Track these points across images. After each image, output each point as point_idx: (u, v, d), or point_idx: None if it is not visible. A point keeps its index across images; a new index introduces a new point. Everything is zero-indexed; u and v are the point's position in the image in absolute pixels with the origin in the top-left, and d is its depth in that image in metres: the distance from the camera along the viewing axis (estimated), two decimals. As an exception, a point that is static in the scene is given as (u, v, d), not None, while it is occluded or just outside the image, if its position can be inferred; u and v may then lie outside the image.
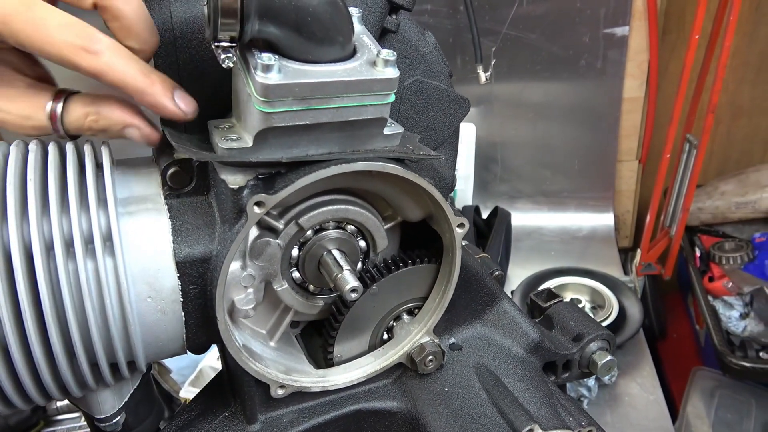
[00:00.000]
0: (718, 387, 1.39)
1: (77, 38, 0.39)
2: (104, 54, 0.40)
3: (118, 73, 0.40)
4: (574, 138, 1.70)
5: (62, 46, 0.39)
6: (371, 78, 0.42)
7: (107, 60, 0.40)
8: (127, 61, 0.41)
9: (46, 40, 0.39)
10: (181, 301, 0.44)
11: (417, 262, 0.53)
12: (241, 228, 0.42)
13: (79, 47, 0.39)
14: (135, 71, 0.41)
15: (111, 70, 0.40)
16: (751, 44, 1.66)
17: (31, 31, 0.39)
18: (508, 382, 0.55)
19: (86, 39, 0.39)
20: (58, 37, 0.39)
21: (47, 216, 0.41)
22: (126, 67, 0.41)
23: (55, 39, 0.39)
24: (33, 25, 0.39)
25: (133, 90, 0.41)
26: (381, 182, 0.49)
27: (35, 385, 0.42)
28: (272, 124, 0.41)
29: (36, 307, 0.40)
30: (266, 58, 0.39)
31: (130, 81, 0.41)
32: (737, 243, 1.51)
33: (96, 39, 0.40)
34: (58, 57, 0.39)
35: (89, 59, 0.39)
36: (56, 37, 0.39)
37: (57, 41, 0.39)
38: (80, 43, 0.39)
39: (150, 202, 0.45)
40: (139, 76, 0.41)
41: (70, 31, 0.39)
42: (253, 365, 0.47)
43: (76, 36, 0.39)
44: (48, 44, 0.39)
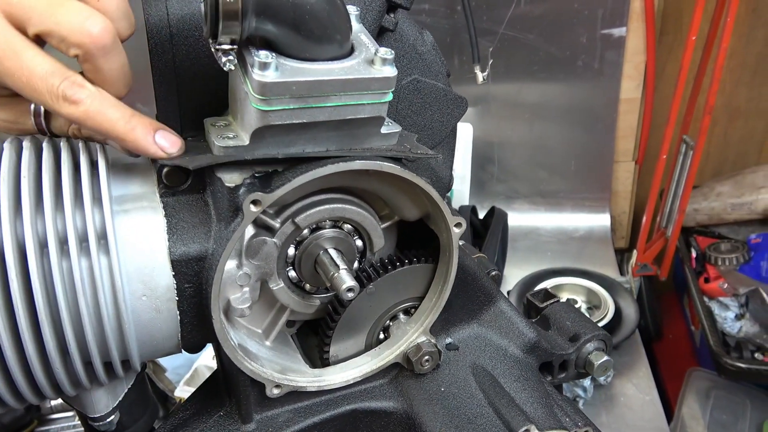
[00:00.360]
0: (714, 388, 1.40)
1: (59, 88, 0.40)
2: (84, 103, 0.41)
3: (97, 121, 0.41)
4: (571, 138, 1.70)
5: (45, 93, 0.41)
6: (369, 76, 0.42)
7: (87, 108, 0.41)
8: (108, 108, 0.42)
9: (30, 86, 0.41)
10: (176, 299, 0.44)
11: (414, 261, 0.53)
12: (237, 226, 0.42)
13: (61, 96, 0.41)
14: (115, 118, 0.42)
15: (90, 119, 0.41)
16: (747, 46, 1.66)
17: (17, 76, 0.40)
18: (504, 382, 0.55)
19: (68, 88, 0.41)
20: (41, 85, 0.40)
21: (41, 213, 0.40)
22: (106, 115, 0.42)
23: (38, 86, 0.40)
24: (19, 71, 0.40)
25: (114, 136, 0.42)
26: (378, 181, 0.49)
27: (28, 384, 0.42)
28: (269, 122, 0.41)
29: (29, 305, 0.39)
30: (263, 56, 0.39)
31: (110, 128, 0.42)
32: (733, 244, 1.51)
33: (77, 89, 0.41)
34: (41, 102, 0.41)
35: (69, 108, 0.41)
36: (39, 85, 0.40)
37: (40, 89, 0.40)
38: (62, 93, 0.41)
39: (145, 200, 0.44)
40: (119, 123, 0.42)
41: (53, 79, 0.40)
42: (249, 364, 0.47)
43: (59, 86, 0.40)
44: (31, 90, 0.41)
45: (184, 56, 0.47)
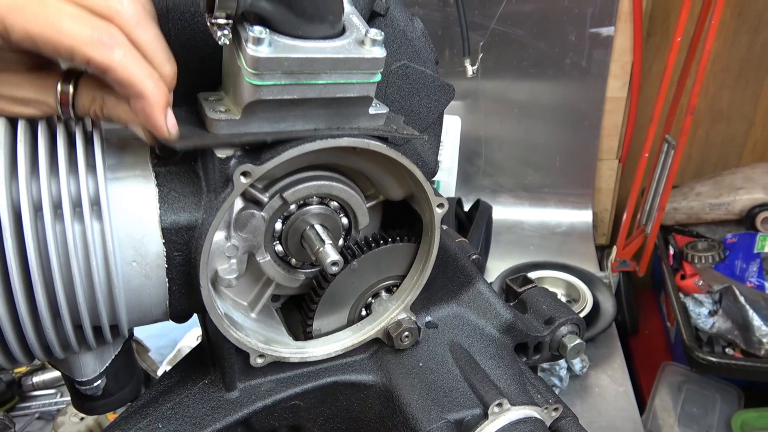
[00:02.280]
0: (686, 382, 1.44)
1: (93, 30, 0.37)
2: (118, 50, 0.38)
3: (127, 73, 0.39)
4: (557, 135, 1.73)
5: (75, 36, 0.37)
6: (359, 56, 0.44)
7: (120, 57, 0.38)
8: (140, 62, 0.39)
9: (58, 29, 0.37)
10: (165, 267, 0.45)
11: (397, 240, 0.55)
12: (227, 197, 0.44)
13: (95, 39, 0.37)
14: (145, 77, 0.39)
15: (121, 68, 0.38)
16: (731, 51, 1.70)
17: (42, 21, 0.36)
18: (480, 359, 0.57)
19: (102, 31, 0.38)
20: (72, 27, 0.37)
21: (36, 177, 0.41)
22: (137, 68, 0.39)
23: (68, 29, 0.37)
24: (44, 14, 0.37)
25: (137, 93, 0.39)
26: (365, 160, 0.50)
27: (19, 344, 0.43)
28: (261, 96, 0.42)
29: (23, 267, 0.40)
30: (257, 32, 0.40)
31: (137, 84, 0.39)
32: (710, 243, 1.55)
33: (113, 33, 0.38)
34: (69, 48, 0.37)
35: (102, 52, 0.37)
36: (70, 27, 0.37)
37: (70, 31, 0.37)
38: (96, 36, 0.37)
39: (138, 168, 0.46)
40: (149, 83, 0.39)
41: (84, 22, 0.37)
42: (234, 333, 0.49)
43: (92, 27, 0.37)
44: (59, 34, 0.37)
45: (180, 31, 0.48)
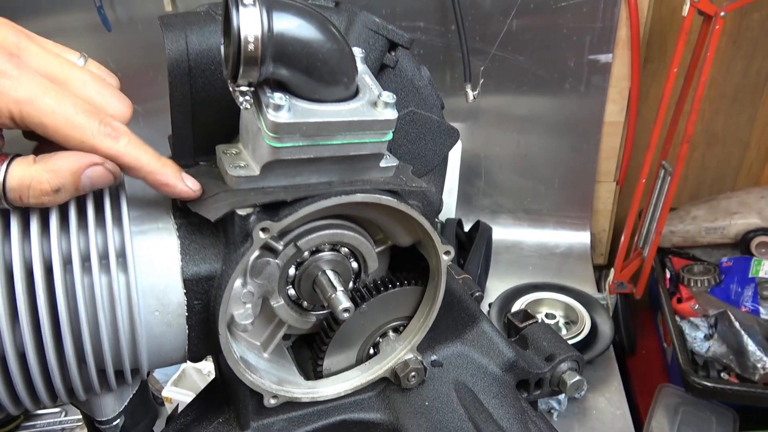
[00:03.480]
0: (682, 404, 1.46)
1: (102, 123, 0.42)
2: (123, 139, 0.43)
3: (133, 156, 0.43)
4: (556, 157, 1.76)
5: (86, 129, 0.41)
6: (372, 119, 0.46)
7: (125, 144, 0.43)
8: (142, 146, 0.44)
9: (72, 123, 0.41)
10: (185, 315, 0.48)
11: (404, 284, 0.57)
12: (246, 251, 0.46)
13: (103, 132, 0.42)
14: (149, 155, 0.44)
15: (128, 154, 0.43)
16: (727, 76, 1.73)
17: (57, 111, 0.40)
18: (483, 398, 0.59)
19: (108, 125, 0.42)
20: (84, 119, 0.41)
21: (66, 232, 0.44)
22: (142, 151, 0.44)
23: (80, 123, 0.41)
24: (59, 107, 0.41)
25: (148, 171, 0.44)
26: (375, 210, 0.53)
27: (46, 388, 0.45)
28: (280, 157, 0.45)
29: (53, 318, 0.43)
30: (278, 98, 0.43)
31: (146, 163, 0.44)
32: (705, 266, 1.58)
33: (116, 125, 0.43)
34: (79, 140, 0.41)
35: (110, 144, 0.42)
36: (83, 119, 0.41)
37: (82, 125, 0.41)
38: (104, 129, 0.42)
39: (161, 221, 0.48)
40: (153, 160, 0.44)
41: (94, 116, 0.42)
42: (249, 376, 0.51)
43: (101, 121, 0.42)
44: (71, 126, 0.41)
45: (200, 88, 0.51)
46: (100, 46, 1.74)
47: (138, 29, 1.73)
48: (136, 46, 1.73)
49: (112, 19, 1.68)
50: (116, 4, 1.68)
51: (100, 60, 0.50)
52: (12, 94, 0.40)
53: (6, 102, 0.40)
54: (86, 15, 1.68)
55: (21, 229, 0.42)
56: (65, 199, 0.43)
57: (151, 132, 0.58)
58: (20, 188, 0.41)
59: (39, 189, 0.41)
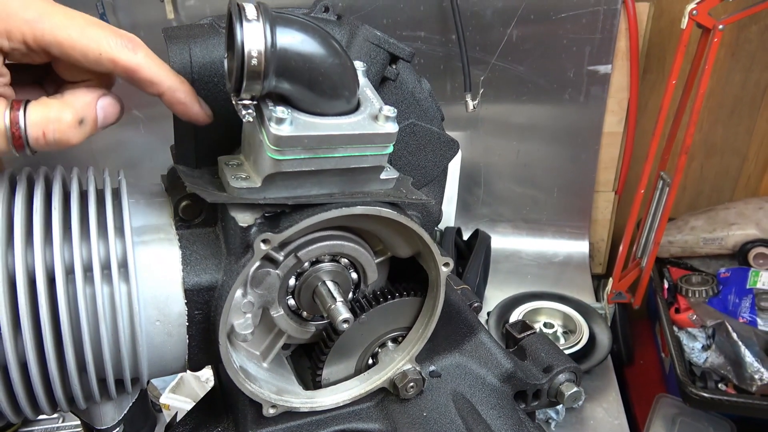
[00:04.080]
0: (680, 414, 1.46)
1: (116, 34, 0.41)
2: (140, 51, 0.42)
3: (153, 70, 0.43)
4: (555, 167, 1.77)
5: (104, 40, 0.41)
6: (373, 132, 0.47)
7: (143, 57, 0.42)
8: (159, 61, 0.44)
9: (86, 33, 0.40)
10: (186, 325, 0.48)
11: (404, 295, 0.58)
12: (247, 262, 0.46)
13: (120, 44, 0.41)
14: (167, 71, 0.44)
15: (147, 67, 0.42)
16: (725, 88, 1.74)
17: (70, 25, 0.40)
18: (481, 409, 0.59)
19: (125, 37, 0.42)
20: (99, 30, 0.41)
21: (69, 242, 0.44)
22: (159, 66, 0.43)
23: (95, 32, 0.40)
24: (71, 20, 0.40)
25: (167, 86, 0.44)
26: (375, 222, 0.53)
27: (47, 397, 0.45)
28: (281, 169, 0.45)
29: (54, 327, 0.43)
30: (280, 112, 0.43)
31: (165, 78, 0.43)
32: (703, 277, 1.58)
33: (131, 36, 0.42)
34: (97, 51, 0.40)
35: (129, 55, 0.41)
36: (97, 30, 0.41)
37: (100, 36, 0.40)
38: (121, 40, 0.41)
39: (162, 232, 0.48)
40: (171, 75, 0.44)
41: (108, 27, 0.42)
42: (249, 386, 0.51)
43: (116, 34, 0.42)
44: (87, 38, 0.40)
45: (204, 99, 0.51)
46: (102, 52, 1.75)
47: (140, 36, 1.73)
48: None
49: (114, 25, 1.69)
50: (118, 11, 1.69)
51: None
52: (21, 14, 0.39)
53: (17, 23, 0.39)
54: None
55: (24, 238, 0.43)
56: (88, 133, 0.43)
57: (152, 138, 0.59)
58: (43, 124, 0.40)
59: (64, 122, 0.41)
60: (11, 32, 0.39)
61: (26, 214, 0.44)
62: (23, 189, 0.45)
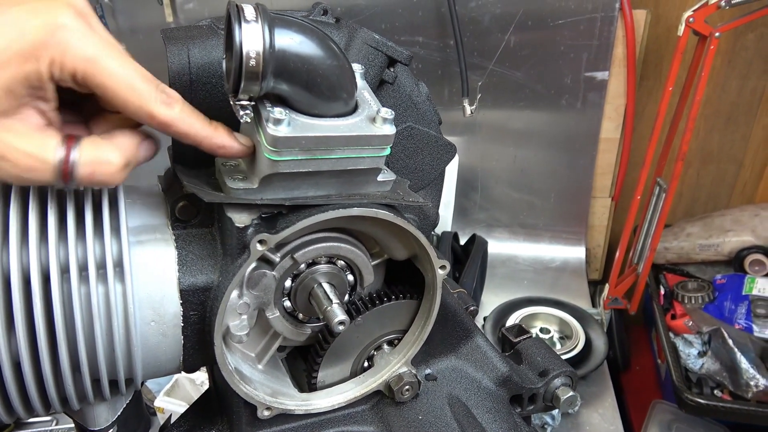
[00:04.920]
0: (675, 420, 1.46)
1: (157, 89, 0.42)
2: (177, 106, 0.43)
3: (187, 122, 0.44)
4: (552, 172, 1.77)
5: (145, 95, 0.41)
6: (370, 134, 0.47)
7: (179, 111, 0.43)
8: (194, 112, 0.45)
9: (133, 88, 0.41)
10: (181, 326, 0.48)
11: (400, 297, 0.58)
12: (243, 262, 0.46)
13: (159, 99, 0.42)
14: (201, 122, 0.45)
15: (182, 121, 0.43)
16: (722, 95, 1.75)
17: (120, 76, 0.41)
18: (477, 413, 0.59)
19: (164, 91, 0.43)
20: (144, 87, 0.41)
21: (65, 242, 0.44)
22: (194, 117, 0.44)
23: (141, 88, 0.41)
24: (122, 71, 0.41)
25: (202, 137, 0.45)
26: (372, 224, 0.53)
27: (40, 397, 0.45)
28: (278, 170, 0.45)
29: (49, 326, 0.43)
30: (278, 113, 0.43)
31: (199, 130, 0.44)
32: (699, 283, 1.58)
33: (170, 92, 0.43)
34: (137, 105, 0.41)
35: (166, 110, 0.42)
36: (143, 87, 0.41)
37: (143, 90, 0.41)
38: (160, 96, 0.42)
39: (159, 232, 0.48)
40: (205, 126, 0.45)
41: (152, 83, 0.42)
42: (244, 388, 0.51)
43: (157, 87, 0.42)
44: (133, 91, 0.41)
45: (201, 100, 0.51)
46: (100, 54, 1.75)
47: (139, 39, 1.74)
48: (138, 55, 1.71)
49: (113, 28, 1.69)
50: (117, 14, 1.69)
51: None
52: (79, 51, 0.39)
53: (73, 59, 0.39)
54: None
55: (19, 237, 0.43)
56: (129, 173, 0.44)
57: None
58: (94, 165, 0.41)
59: (113, 165, 0.42)
60: (65, 65, 0.39)
61: (22, 213, 0.43)
62: (19, 187, 0.44)
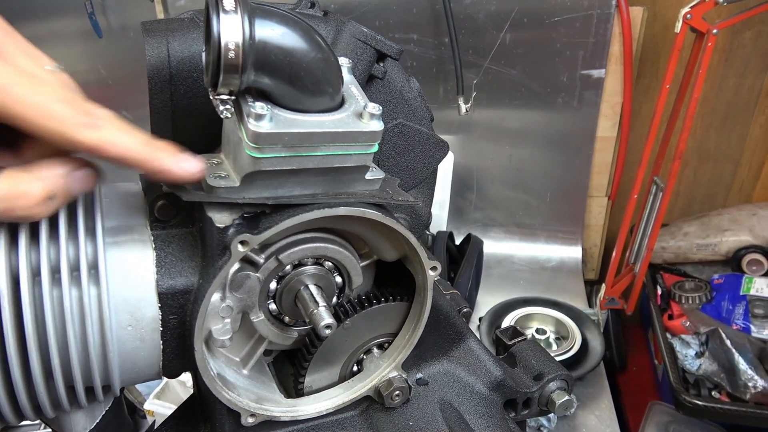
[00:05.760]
0: (672, 422, 1.44)
1: (78, 113, 0.38)
2: (105, 128, 0.39)
3: (119, 146, 0.39)
4: (548, 172, 1.76)
5: (63, 119, 0.37)
6: (357, 130, 0.45)
7: (108, 134, 0.39)
8: (127, 133, 0.40)
9: (47, 113, 0.37)
10: (160, 330, 0.46)
11: (390, 299, 0.56)
12: (224, 264, 0.44)
13: (81, 121, 0.38)
14: (137, 142, 0.40)
15: (112, 144, 0.39)
16: (719, 94, 1.74)
17: (31, 102, 0.37)
18: (470, 418, 0.57)
19: (87, 113, 0.38)
20: (61, 110, 0.37)
21: (36, 243, 0.42)
22: (127, 139, 0.39)
23: (57, 112, 0.37)
24: (34, 96, 0.37)
25: (137, 161, 0.40)
26: (360, 224, 0.51)
27: (11, 405, 0.43)
28: (261, 167, 0.43)
29: (18, 331, 0.41)
30: (259, 108, 0.41)
31: (134, 153, 0.40)
32: (696, 283, 1.57)
33: (96, 113, 0.39)
34: (57, 131, 0.37)
35: (90, 134, 0.38)
36: (58, 110, 0.37)
37: (59, 115, 0.37)
38: (81, 119, 0.38)
39: (136, 232, 0.46)
40: (141, 147, 0.40)
41: (71, 105, 0.38)
42: (226, 394, 0.49)
43: (78, 110, 0.38)
44: (47, 118, 0.37)
45: (182, 95, 0.50)
46: (90, 52, 1.73)
47: (129, 36, 1.71)
48: (127, 53, 1.72)
49: (103, 25, 1.67)
50: (108, 11, 1.67)
51: (91, 66, 0.48)
52: None
53: None
54: (77, 21, 1.67)
55: (-11, 239, 0.41)
56: (58, 207, 0.40)
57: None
58: (10, 198, 0.38)
59: (32, 197, 0.38)
60: None
61: (-10, 213, 0.41)
62: (-11, 186, 0.42)
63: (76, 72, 1.85)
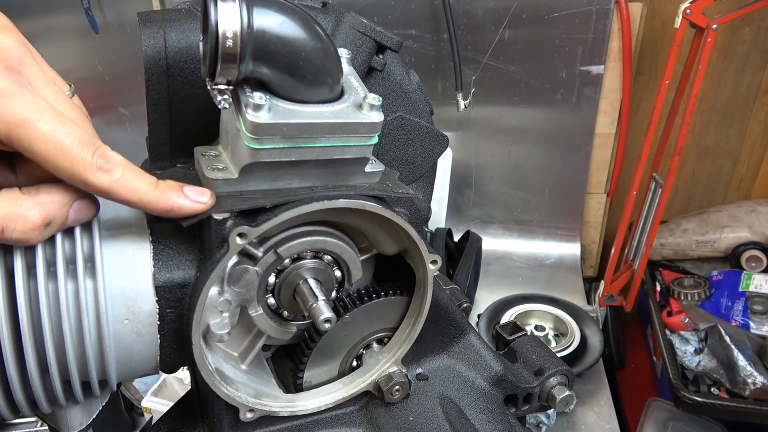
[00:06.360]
0: (671, 419, 1.44)
1: (94, 156, 0.39)
2: (116, 171, 0.40)
3: (129, 188, 0.40)
4: (547, 168, 1.75)
5: (80, 162, 0.38)
6: (356, 121, 0.44)
7: (119, 177, 0.40)
8: (137, 175, 0.41)
9: (67, 154, 0.38)
10: (157, 324, 0.45)
11: (389, 294, 0.55)
12: (222, 257, 0.44)
13: (95, 164, 0.39)
14: (146, 185, 0.41)
15: (123, 186, 0.40)
16: (718, 90, 1.73)
17: (54, 142, 0.38)
18: (470, 413, 0.57)
19: (101, 156, 0.39)
20: (80, 153, 0.38)
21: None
22: (136, 182, 0.41)
23: (76, 155, 0.38)
24: (58, 136, 0.38)
25: (146, 202, 0.41)
26: (359, 217, 0.51)
27: (6, 400, 0.42)
28: (259, 159, 0.43)
29: (14, 325, 0.40)
30: (257, 98, 0.41)
31: (142, 195, 0.41)
32: (696, 280, 1.57)
33: (110, 157, 0.40)
34: (70, 172, 0.39)
35: (103, 177, 0.39)
36: (78, 153, 0.38)
37: (77, 158, 0.38)
38: (97, 161, 0.39)
39: (133, 225, 0.46)
40: (150, 189, 0.41)
41: (90, 148, 0.39)
42: (225, 389, 0.49)
43: (93, 153, 0.39)
44: (66, 159, 0.38)
45: (179, 87, 0.49)
46: (87, 48, 1.72)
47: (126, 32, 1.70)
48: (124, 48, 1.71)
49: (100, 21, 1.66)
50: (104, 7, 1.66)
51: (88, 63, 0.48)
52: (5, 115, 0.37)
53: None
54: (74, 17, 1.66)
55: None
56: (51, 233, 0.41)
57: (139, 136, 0.56)
58: (6, 221, 0.38)
59: (29, 222, 0.39)
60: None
61: (-15, 205, 0.41)
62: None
63: (73, 68, 1.84)
